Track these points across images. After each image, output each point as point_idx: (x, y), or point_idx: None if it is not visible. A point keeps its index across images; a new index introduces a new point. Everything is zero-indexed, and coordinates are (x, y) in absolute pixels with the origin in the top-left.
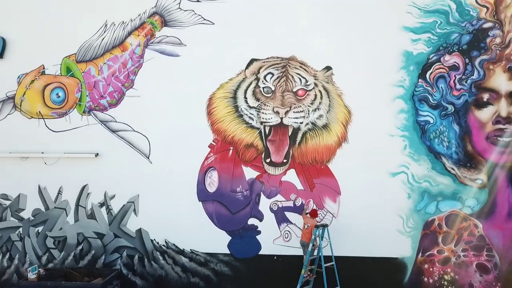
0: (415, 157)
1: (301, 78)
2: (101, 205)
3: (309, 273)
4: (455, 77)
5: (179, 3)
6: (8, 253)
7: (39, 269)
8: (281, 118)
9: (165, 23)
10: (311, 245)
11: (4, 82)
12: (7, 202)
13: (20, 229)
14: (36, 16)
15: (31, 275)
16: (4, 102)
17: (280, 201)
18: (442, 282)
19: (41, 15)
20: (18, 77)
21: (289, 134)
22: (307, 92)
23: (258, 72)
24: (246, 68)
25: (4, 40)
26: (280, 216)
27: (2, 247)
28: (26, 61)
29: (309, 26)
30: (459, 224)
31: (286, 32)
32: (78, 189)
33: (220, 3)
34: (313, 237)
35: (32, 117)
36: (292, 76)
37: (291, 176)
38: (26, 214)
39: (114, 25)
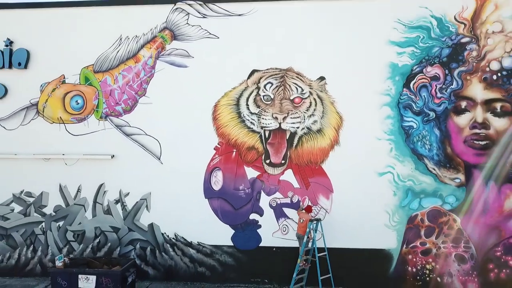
0: (400, 159)
1: (298, 87)
2: (117, 202)
3: (304, 262)
4: (436, 87)
5: (187, 19)
6: (32, 246)
7: (64, 258)
8: (280, 123)
9: (174, 37)
10: (306, 237)
11: (28, 90)
12: (31, 199)
13: (43, 224)
14: (56, 30)
15: (58, 263)
16: (28, 109)
17: (278, 198)
18: (424, 271)
19: (62, 29)
20: (41, 85)
21: (287, 138)
22: (303, 100)
23: (259, 82)
24: (248, 78)
25: (28, 52)
26: (279, 212)
27: (27, 240)
28: (48, 71)
29: (304, 40)
30: (439, 219)
31: (284, 46)
32: (95, 187)
33: (224, 19)
34: (307, 230)
35: (53, 122)
36: (289, 86)
37: (289, 176)
38: (48, 210)
39: (128, 38)
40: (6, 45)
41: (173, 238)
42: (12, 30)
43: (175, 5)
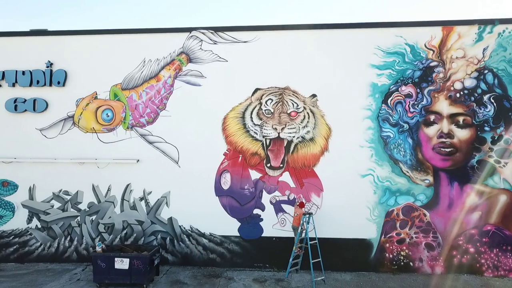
0: (379, 163)
1: (294, 103)
2: (141, 199)
3: (298, 249)
4: (409, 103)
5: (201, 45)
6: (69, 236)
7: (102, 245)
8: (278, 133)
9: (190, 60)
10: (300, 228)
11: (66, 105)
12: (68, 197)
13: (78, 218)
14: (90, 53)
15: (98, 249)
16: (66, 120)
17: (277, 196)
18: (399, 257)
19: (94, 53)
20: (77, 100)
21: (285, 145)
22: (298, 114)
23: (261, 98)
24: (252, 95)
25: (66, 73)
26: (278, 207)
27: (64, 231)
28: (83, 89)
29: (299, 63)
30: (412, 213)
31: (282, 68)
32: (123, 187)
33: (231, 45)
34: (301, 222)
35: (87, 132)
36: (287, 101)
37: (286, 177)
38: (83, 206)
39: (151, 61)
40: (47, 66)
41: (188, 230)
42: (52, 54)
43: (190, 33)
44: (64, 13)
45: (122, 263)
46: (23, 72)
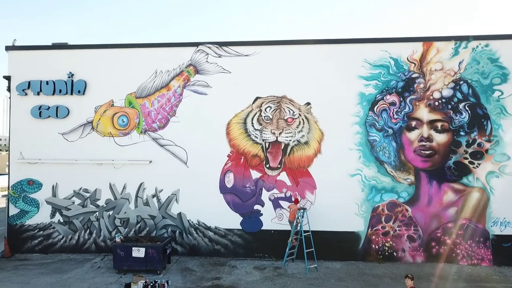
0: (366, 164)
1: (290, 110)
2: (153, 196)
3: (294, 240)
4: (393, 110)
5: (207, 58)
6: (88, 230)
7: (121, 236)
8: (276, 137)
9: (197, 71)
10: (295, 222)
11: (85, 111)
12: (87, 194)
13: (97, 213)
14: (107, 65)
15: (117, 239)
16: (85, 125)
17: (275, 193)
18: (384, 248)
19: (111, 65)
20: (95, 108)
21: (282, 148)
22: (294, 120)
23: (261, 106)
24: (253, 102)
25: (85, 82)
26: (276, 204)
27: (84, 225)
28: (101, 97)
29: (295, 75)
30: (395, 209)
31: (280, 79)
32: (137, 185)
33: (235, 58)
34: (296, 216)
35: (104, 136)
36: (284, 109)
37: (283, 176)
38: (101, 202)
39: (162, 72)
40: (69, 77)
41: (196, 224)
42: (73, 66)
43: (197, 47)
44: (80, 28)
45: (138, 252)
46: (47, 82)
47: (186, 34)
